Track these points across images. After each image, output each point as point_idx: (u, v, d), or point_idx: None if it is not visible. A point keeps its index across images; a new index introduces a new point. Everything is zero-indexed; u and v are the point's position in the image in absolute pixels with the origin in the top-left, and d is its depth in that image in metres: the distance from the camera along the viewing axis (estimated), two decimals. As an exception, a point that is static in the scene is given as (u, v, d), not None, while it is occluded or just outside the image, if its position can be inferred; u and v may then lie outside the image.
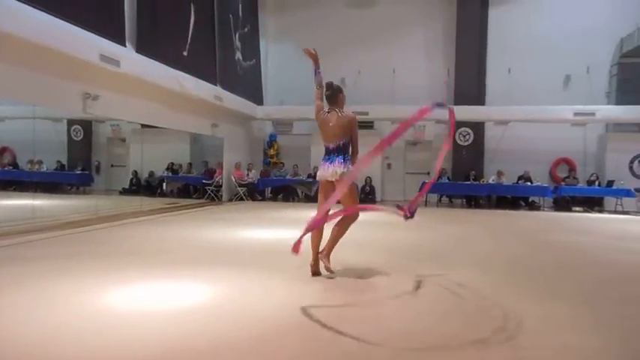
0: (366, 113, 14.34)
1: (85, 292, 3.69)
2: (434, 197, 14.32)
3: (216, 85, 12.01)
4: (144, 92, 9.28)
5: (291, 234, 7.12)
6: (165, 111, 10.31)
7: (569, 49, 14.12)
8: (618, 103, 13.61)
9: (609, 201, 13.19)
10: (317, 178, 4.56)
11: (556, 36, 14.23)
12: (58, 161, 13.79)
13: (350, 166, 4.34)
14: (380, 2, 15.72)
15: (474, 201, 13.95)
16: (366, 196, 14.19)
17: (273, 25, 16.49)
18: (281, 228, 7.93)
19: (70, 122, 14.28)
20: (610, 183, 13.01)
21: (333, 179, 4.29)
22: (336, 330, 2.98)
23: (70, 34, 6.96)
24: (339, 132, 4.37)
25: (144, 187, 13.65)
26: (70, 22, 6.93)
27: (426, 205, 13.63)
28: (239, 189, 13.40)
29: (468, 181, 13.79)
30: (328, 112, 4.46)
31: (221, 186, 13.18)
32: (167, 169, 14.10)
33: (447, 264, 5.15)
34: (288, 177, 14.36)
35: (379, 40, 15.52)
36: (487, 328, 3.11)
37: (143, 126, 12.26)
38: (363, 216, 4.79)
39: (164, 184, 14.00)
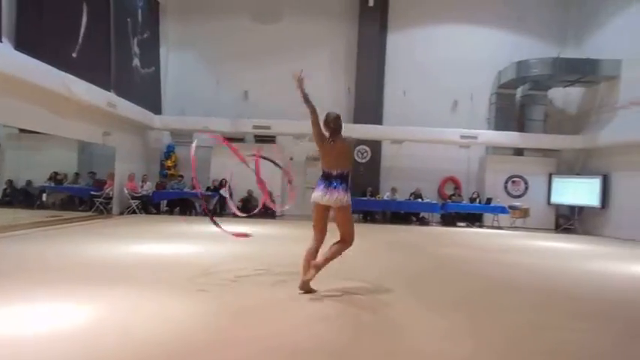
0: (268, 127, 14.40)
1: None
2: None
3: (110, 90, 11.30)
4: (23, 93, 8.41)
5: (188, 249, 6.90)
6: (49, 115, 9.43)
7: (456, 77, 15.41)
8: (496, 128, 15.10)
9: (488, 217, 14.49)
10: (314, 200, 4.52)
11: (446, 64, 15.46)
12: None
13: (349, 195, 4.47)
14: (284, 19, 15.95)
15: (370, 216, 14.53)
16: (266, 210, 14.11)
17: (175, 32, 15.97)
18: (176, 243, 7.61)
19: None
20: (489, 200, 14.32)
21: (336, 206, 4.41)
22: (223, 348, 2.90)
23: None
24: (344, 161, 4.48)
25: (20, 198, 12.30)
26: None
27: (325, 219, 13.88)
28: (132, 201, 12.64)
29: (364, 197, 14.34)
30: (333, 141, 4.47)
31: (111, 198, 12.33)
32: (49, 178, 12.85)
33: (337, 277, 5.28)
34: (186, 190, 13.85)
35: (283, 55, 15.69)
36: (366, 336, 3.22)
37: (21, 131, 11.09)
38: (261, 229, 4.76)
39: (44, 195, 12.73)
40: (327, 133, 4.51)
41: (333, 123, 4.51)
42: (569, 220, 14.47)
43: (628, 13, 13.05)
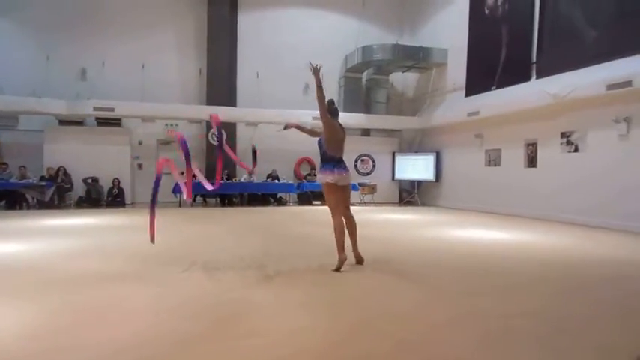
0: (112, 109, 13.24)
1: None
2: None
3: None
4: None
5: (20, 247, 6.03)
6: None
7: (307, 60, 15.74)
8: (345, 110, 15.87)
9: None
10: (333, 182, 4.89)
11: (297, 47, 15.75)
12: None
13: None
14: (126, -9, 14.67)
15: (227, 199, 14.34)
16: (114, 199, 13.09)
17: (-14, -5, 13.66)
18: (2, 242, 6.59)
19: None
20: (341, 179, 15.10)
21: (345, 184, 5.01)
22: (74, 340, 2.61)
23: None
24: (344, 145, 5.02)
25: None
26: None
27: (180, 205, 13.36)
28: (-60, 197, 10.64)
29: (221, 180, 14.07)
30: (340, 125, 4.99)
31: None
32: None
33: (193, 264, 5.12)
34: (13, 180, 12.10)
35: (126, 31, 14.48)
36: (223, 320, 3.18)
37: None
38: (109, 221, 4.35)
39: None
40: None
41: (333, 104, 5.04)
42: (410, 194, 16.01)
43: (452, 7, 14.66)
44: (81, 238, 6.99)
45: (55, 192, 12.42)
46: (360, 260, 5.16)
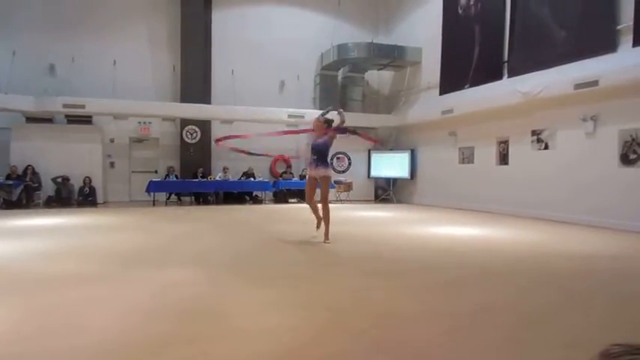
0: (83, 106, 12.94)
1: None
2: (162, 196, 13.95)
3: None
4: None
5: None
6: None
7: (283, 58, 15.75)
8: (321, 108, 15.88)
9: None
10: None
11: (273, 44, 15.67)
12: None
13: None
14: (96, -15, 14.33)
15: (202, 198, 14.19)
16: (85, 198, 12.81)
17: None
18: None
19: None
20: (317, 177, 15.11)
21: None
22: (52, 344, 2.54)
23: None
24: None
25: None
26: None
27: (154, 204, 13.16)
28: None
29: (196, 178, 13.94)
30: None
31: None
32: None
33: (168, 264, 5.05)
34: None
35: (97, 27, 14.16)
36: (192, 322, 3.15)
37: None
38: (79, 220, 4.25)
39: None
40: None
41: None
42: (386, 191, 16.12)
43: (426, 6, 14.80)
44: (49, 239, 6.81)
45: (23, 191, 12.07)
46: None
